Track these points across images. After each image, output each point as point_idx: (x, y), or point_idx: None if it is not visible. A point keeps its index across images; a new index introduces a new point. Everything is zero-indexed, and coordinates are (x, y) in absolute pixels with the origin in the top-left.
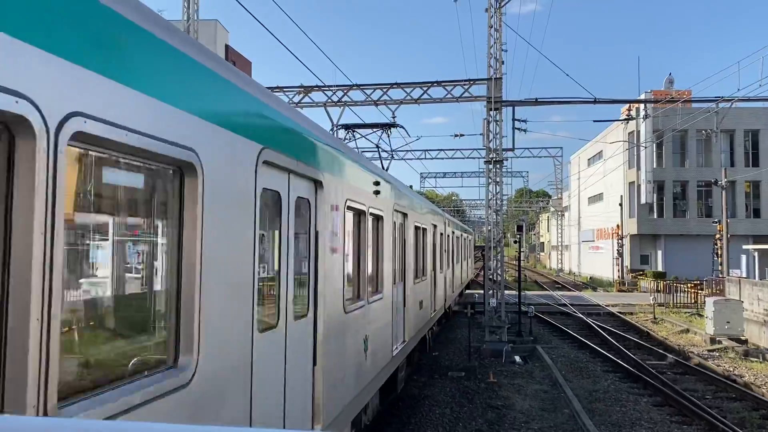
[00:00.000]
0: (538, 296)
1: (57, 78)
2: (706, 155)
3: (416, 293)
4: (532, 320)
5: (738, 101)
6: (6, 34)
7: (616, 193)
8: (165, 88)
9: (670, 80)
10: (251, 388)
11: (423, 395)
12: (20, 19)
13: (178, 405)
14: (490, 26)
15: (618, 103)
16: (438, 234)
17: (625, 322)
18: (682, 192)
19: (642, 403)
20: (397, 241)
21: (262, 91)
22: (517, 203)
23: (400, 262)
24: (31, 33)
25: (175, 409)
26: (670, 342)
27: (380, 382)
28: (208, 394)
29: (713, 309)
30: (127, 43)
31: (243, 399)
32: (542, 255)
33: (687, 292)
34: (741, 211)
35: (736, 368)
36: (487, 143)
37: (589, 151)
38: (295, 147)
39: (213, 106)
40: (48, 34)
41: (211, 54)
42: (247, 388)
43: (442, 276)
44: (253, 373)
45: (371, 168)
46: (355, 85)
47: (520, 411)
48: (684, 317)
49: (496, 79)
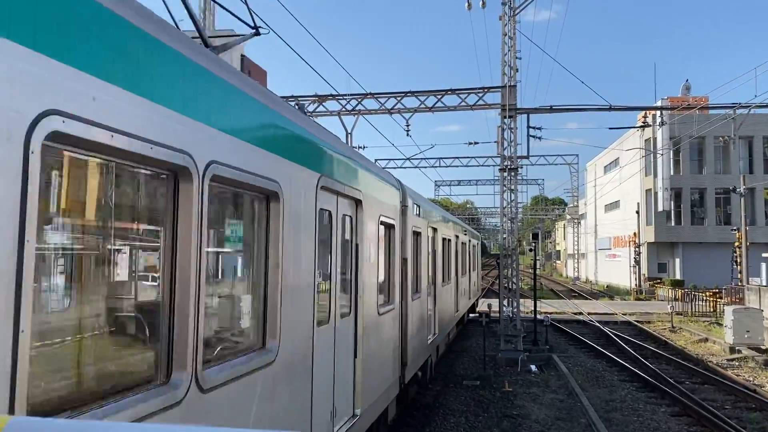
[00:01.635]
0: (551, 304)
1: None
2: (724, 162)
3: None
4: (548, 329)
5: (756, 107)
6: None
7: (632, 200)
8: (256, 134)
9: (687, 87)
10: (312, 369)
11: (438, 404)
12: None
13: (268, 376)
14: (504, 34)
15: (634, 110)
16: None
17: (642, 331)
18: (700, 199)
19: (659, 413)
20: (419, 249)
21: (318, 129)
22: (532, 211)
23: (419, 269)
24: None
25: (265, 379)
26: (688, 351)
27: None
28: (286, 370)
29: (732, 317)
30: (239, 108)
31: (307, 377)
32: (558, 263)
33: (705, 300)
34: (761, 218)
35: (756, 378)
36: (501, 151)
37: (605, 159)
38: (342, 173)
39: (291, 146)
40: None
41: (294, 111)
42: (309, 369)
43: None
44: (313, 357)
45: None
46: (369, 94)
47: (535, 420)
48: (702, 326)
49: (511, 86)
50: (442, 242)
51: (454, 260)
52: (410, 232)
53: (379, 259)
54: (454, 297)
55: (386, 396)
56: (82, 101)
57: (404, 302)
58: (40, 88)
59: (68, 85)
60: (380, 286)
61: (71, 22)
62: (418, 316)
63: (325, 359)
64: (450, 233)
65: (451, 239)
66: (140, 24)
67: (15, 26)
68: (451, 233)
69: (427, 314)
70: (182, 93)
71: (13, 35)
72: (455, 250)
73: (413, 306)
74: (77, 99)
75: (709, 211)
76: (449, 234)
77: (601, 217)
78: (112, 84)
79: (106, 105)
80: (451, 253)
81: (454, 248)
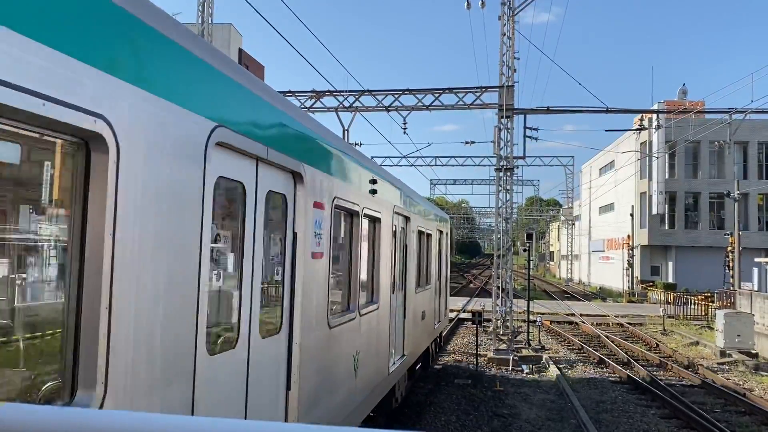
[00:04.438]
0: (544, 304)
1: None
2: (719, 167)
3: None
4: (540, 329)
5: (751, 113)
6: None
7: (627, 203)
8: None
9: (684, 91)
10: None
11: (428, 402)
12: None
13: (353, 327)
14: (503, 34)
15: (631, 113)
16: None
17: (633, 334)
18: (694, 203)
19: (649, 414)
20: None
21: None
22: (527, 212)
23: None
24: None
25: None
26: (679, 354)
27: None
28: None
29: (724, 322)
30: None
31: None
32: (552, 264)
33: (697, 304)
34: (753, 223)
35: (745, 382)
36: (497, 151)
37: (600, 161)
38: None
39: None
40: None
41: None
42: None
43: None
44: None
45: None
46: (366, 91)
47: (526, 420)
48: (694, 330)
49: (508, 86)
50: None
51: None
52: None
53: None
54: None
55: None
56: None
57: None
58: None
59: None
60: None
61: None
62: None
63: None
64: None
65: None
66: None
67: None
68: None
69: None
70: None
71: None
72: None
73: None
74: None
75: (702, 215)
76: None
77: (596, 219)
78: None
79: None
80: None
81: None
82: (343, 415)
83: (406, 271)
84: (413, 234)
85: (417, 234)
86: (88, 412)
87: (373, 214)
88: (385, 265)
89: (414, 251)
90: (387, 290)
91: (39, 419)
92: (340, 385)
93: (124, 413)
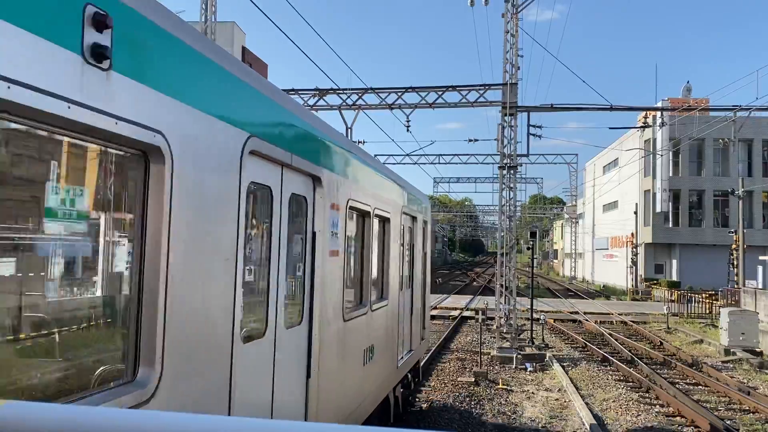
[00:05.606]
0: (548, 304)
1: None
2: (723, 164)
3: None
4: (543, 327)
5: (756, 110)
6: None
7: (631, 201)
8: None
9: (688, 88)
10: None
11: (431, 400)
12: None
13: (365, 321)
14: (507, 31)
15: (634, 111)
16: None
17: (637, 332)
18: (698, 201)
19: (653, 412)
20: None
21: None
22: (531, 210)
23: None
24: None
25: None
26: (683, 352)
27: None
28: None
29: (728, 320)
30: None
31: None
32: (555, 262)
33: (701, 302)
34: (758, 221)
35: (750, 380)
36: (501, 148)
37: (604, 159)
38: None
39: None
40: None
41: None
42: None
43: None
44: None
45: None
46: (370, 89)
47: (529, 418)
48: (698, 328)
49: (512, 84)
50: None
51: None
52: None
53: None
54: None
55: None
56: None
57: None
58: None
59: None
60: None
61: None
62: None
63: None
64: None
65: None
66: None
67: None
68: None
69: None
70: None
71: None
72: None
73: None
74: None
75: (707, 213)
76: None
77: (599, 217)
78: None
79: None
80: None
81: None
82: (356, 404)
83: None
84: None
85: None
86: (90, 409)
87: (373, 212)
88: (394, 263)
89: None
90: (396, 287)
91: (40, 417)
92: (353, 374)
93: (125, 412)
